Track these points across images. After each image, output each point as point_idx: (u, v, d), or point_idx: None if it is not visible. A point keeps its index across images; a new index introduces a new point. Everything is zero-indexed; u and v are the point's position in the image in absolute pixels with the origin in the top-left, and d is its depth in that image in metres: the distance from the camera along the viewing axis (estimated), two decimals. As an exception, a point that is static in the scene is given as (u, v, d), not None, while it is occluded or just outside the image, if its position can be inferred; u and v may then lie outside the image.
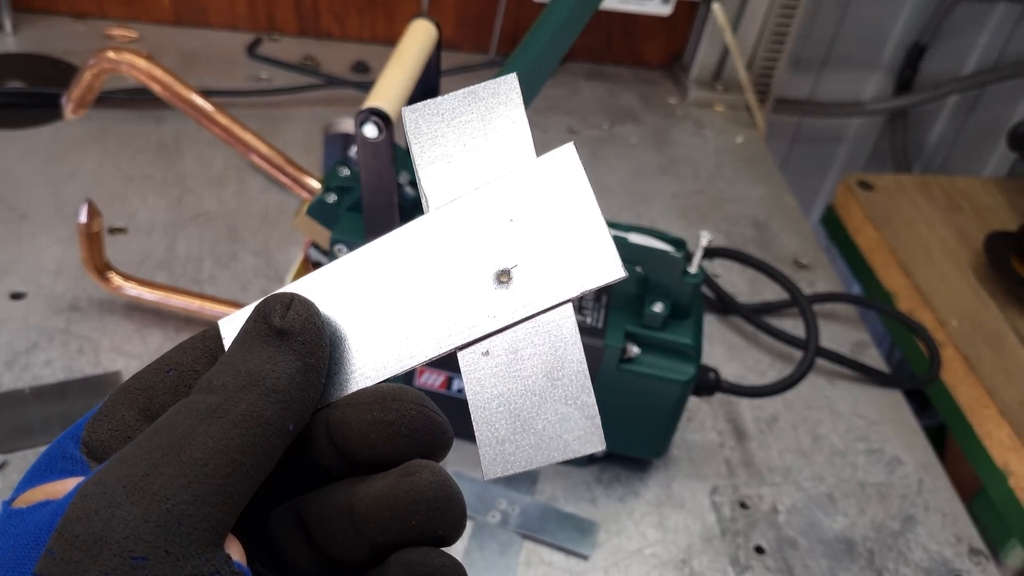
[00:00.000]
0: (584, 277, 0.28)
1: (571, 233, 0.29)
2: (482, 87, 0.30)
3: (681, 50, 1.41)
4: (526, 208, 0.29)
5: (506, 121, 0.30)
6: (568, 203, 0.29)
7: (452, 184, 0.30)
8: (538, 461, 0.28)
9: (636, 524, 0.75)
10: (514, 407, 0.28)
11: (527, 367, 0.28)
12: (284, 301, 0.28)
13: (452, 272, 0.29)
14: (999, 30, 1.56)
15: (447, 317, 0.29)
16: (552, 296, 0.28)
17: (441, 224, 0.29)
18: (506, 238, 0.29)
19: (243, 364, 0.27)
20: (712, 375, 0.77)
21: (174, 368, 0.29)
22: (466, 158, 0.30)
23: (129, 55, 0.68)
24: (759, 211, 1.15)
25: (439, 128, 0.30)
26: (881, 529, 0.77)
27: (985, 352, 1.04)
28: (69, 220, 0.91)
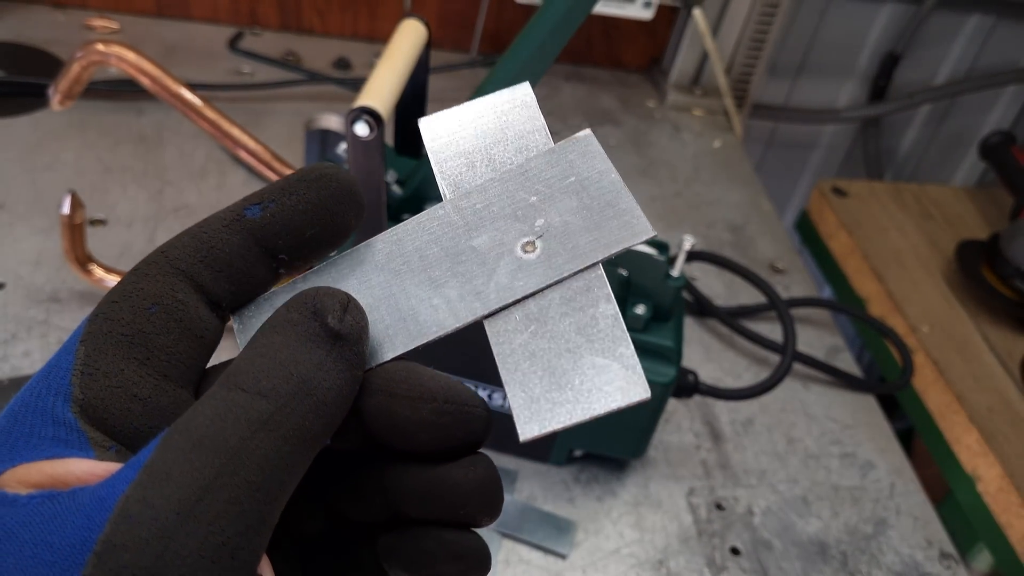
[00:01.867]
0: (613, 239, 0.28)
1: (596, 203, 0.29)
2: (497, 95, 0.31)
3: (660, 54, 1.42)
4: (548, 187, 0.29)
5: (524, 122, 0.31)
6: (590, 178, 0.29)
7: (472, 178, 0.30)
8: (578, 415, 0.26)
9: (614, 524, 0.76)
10: (548, 365, 0.27)
11: (559, 328, 0.28)
12: (341, 301, 0.26)
13: (474, 247, 0.29)
14: (971, 41, 1.59)
15: (470, 289, 0.28)
16: (577, 261, 0.28)
17: (462, 205, 0.30)
18: (529, 212, 0.29)
19: (294, 367, 0.24)
20: (691, 377, 0.78)
21: (155, 303, 0.26)
22: (485, 156, 0.30)
23: (118, 47, 0.68)
24: (736, 215, 1.16)
25: (457, 132, 0.31)
26: (854, 532, 0.79)
27: (955, 358, 1.06)
28: (49, 210, 0.91)
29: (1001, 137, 1.29)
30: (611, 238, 0.28)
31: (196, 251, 0.27)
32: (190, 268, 0.27)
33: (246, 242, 0.27)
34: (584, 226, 0.28)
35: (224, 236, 0.27)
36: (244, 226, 0.27)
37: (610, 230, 0.28)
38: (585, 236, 0.28)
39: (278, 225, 0.27)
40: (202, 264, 0.27)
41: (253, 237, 0.27)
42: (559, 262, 0.28)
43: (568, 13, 0.67)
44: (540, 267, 0.28)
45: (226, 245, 0.27)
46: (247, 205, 0.27)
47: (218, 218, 0.27)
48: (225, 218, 0.27)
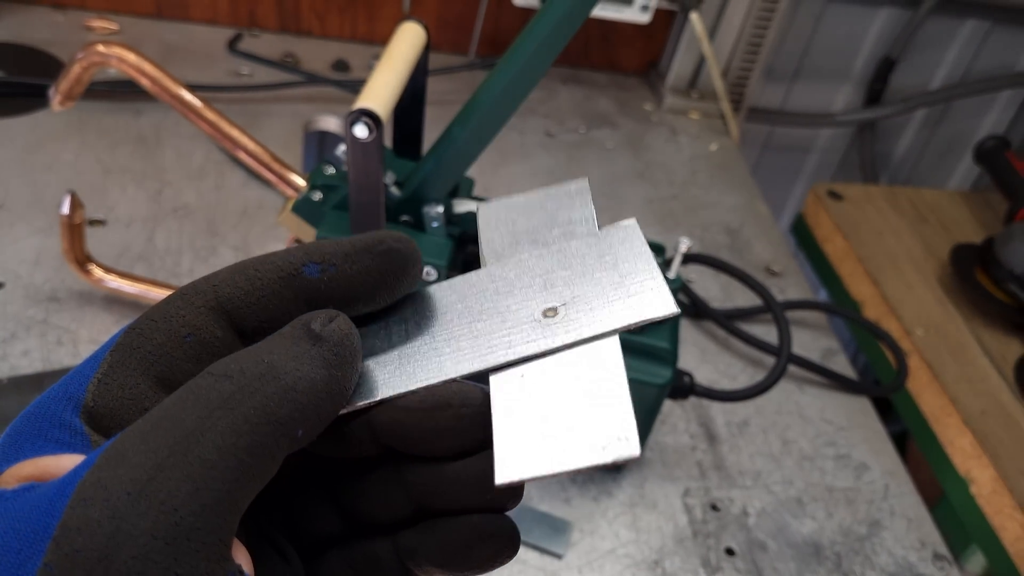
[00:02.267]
0: (633, 312, 0.28)
1: (626, 279, 0.29)
2: (557, 187, 0.33)
3: (657, 57, 1.43)
4: (583, 264, 0.30)
5: (574, 210, 0.32)
6: (625, 257, 0.30)
7: (511, 252, 0.31)
8: (562, 466, 0.25)
9: (610, 524, 0.76)
10: (541, 418, 0.27)
11: (562, 389, 0.27)
12: (330, 314, 0.27)
13: (497, 309, 0.30)
14: (967, 46, 1.59)
15: (486, 342, 0.29)
16: (595, 327, 0.28)
17: (496, 273, 0.31)
18: (559, 283, 0.30)
19: (267, 355, 0.25)
20: (687, 379, 0.78)
21: (192, 334, 0.27)
22: (530, 236, 0.31)
23: (118, 49, 0.68)
24: (732, 218, 1.17)
25: (509, 215, 0.32)
26: (848, 533, 0.79)
27: (949, 362, 1.07)
28: (48, 210, 0.91)
29: (996, 142, 1.29)
30: (632, 311, 0.28)
31: (247, 295, 0.27)
32: (236, 310, 0.27)
33: (296, 299, 0.28)
34: (608, 298, 0.29)
35: (276, 288, 0.27)
36: (299, 283, 0.28)
37: (632, 303, 0.29)
38: (607, 306, 0.29)
39: (333, 290, 0.28)
40: (248, 310, 0.27)
41: (305, 296, 0.28)
42: (575, 327, 0.28)
43: (566, 16, 0.68)
44: (557, 330, 0.29)
45: (276, 298, 0.27)
46: (307, 261, 0.28)
47: (275, 266, 0.28)
48: (283, 269, 0.28)
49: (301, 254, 0.28)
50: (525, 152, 1.18)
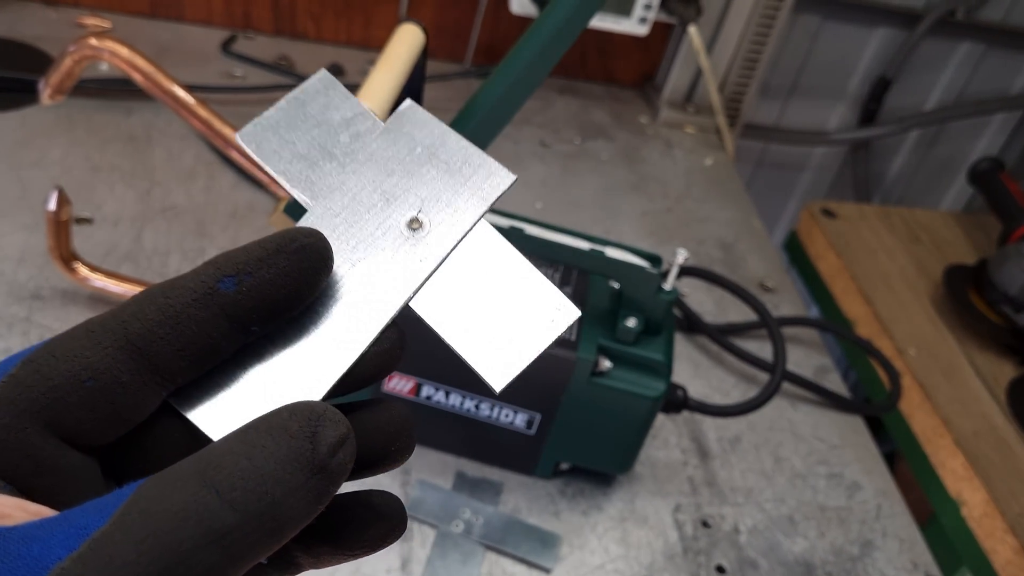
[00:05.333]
0: (485, 192, 0.31)
1: (452, 165, 0.31)
2: (300, 90, 0.31)
3: (654, 70, 1.42)
4: (401, 165, 0.31)
5: (342, 109, 0.31)
6: (434, 144, 0.31)
7: (321, 177, 0.30)
8: (533, 352, 0.29)
9: (599, 539, 0.75)
10: (486, 323, 0.29)
11: (477, 285, 0.30)
12: (341, 436, 0.24)
13: (364, 243, 0.30)
14: (961, 69, 1.60)
15: (381, 285, 0.29)
16: (464, 222, 0.30)
17: (331, 206, 0.30)
18: (397, 192, 0.30)
19: (272, 486, 0.23)
20: (680, 393, 0.77)
21: (94, 378, 0.25)
22: (322, 151, 0.31)
23: (111, 42, 0.67)
24: (726, 233, 1.16)
25: (281, 137, 0.31)
26: (840, 553, 0.78)
27: (941, 382, 1.06)
28: (34, 207, 0.90)
29: (990, 163, 1.29)
30: (483, 192, 0.31)
31: (160, 326, 0.25)
32: (149, 347, 0.25)
33: (216, 318, 0.26)
34: (454, 188, 0.30)
35: (192, 312, 0.25)
36: (216, 301, 0.26)
37: (477, 184, 0.31)
38: (459, 197, 0.30)
39: (253, 300, 0.26)
40: (163, 342, 0.25)
41: (224, 313, 0.26)
42: (448, 229, 0.30)
43: (564, 26, 0.67)
44: (434, 238, 0.30)
45: (193, 322, 0.25)
46: (220, 276, 0.26)
47: (187, 289, 0.26)
48: (196, 290, 0.26)
49: (213, 270, 0.26)
50: (519, 161, 1.17)
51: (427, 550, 0.71)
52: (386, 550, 0.68)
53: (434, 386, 0.74)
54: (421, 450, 0.78)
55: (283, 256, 0.27)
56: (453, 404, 0.74)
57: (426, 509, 0.73)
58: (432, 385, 0.74)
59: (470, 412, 0.75)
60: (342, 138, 0.31)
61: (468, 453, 0.79)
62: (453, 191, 0.30)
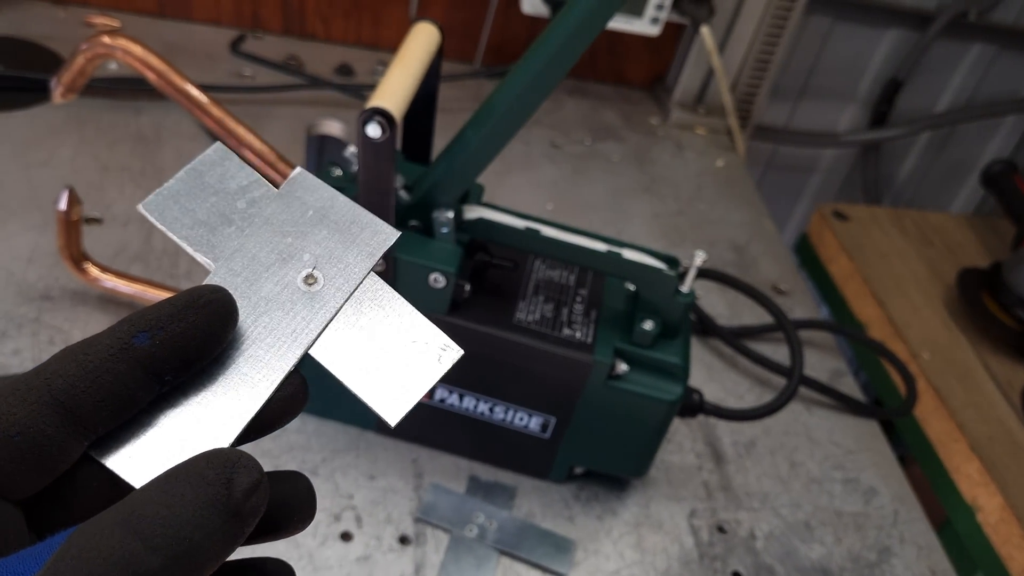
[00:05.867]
0: (372, 248, 0.33)
1: (341, 224, 0.33)
2: (198, 162, 0.33)
3: (664, 71, 1.41)
4: (295, 226, 0.33)
5: (239, 178, 0.33)
6: (324, 207, 0.33)
7: (221, 241, 0.32)
8: (420, 392, 0.32)
9: (614, 544, 0.74)
10: (380, 364, 0.32)
11: (369, 332, 0.32)
12: (254, 481, 0.26)
13: (264, 297, 0.32)
14: (973, 70, 1.59)
15: (285, 332, 0.32)
16: (355, 275, 0.33)
17: (233, 267, 0.32)
18: (293, 252, 0.33)
19: (191, 531, 0.25)
20: (696, 396, 0.76)
21: (21, 433, 0.26)
22: (221, 217, 0.33)
23: (124, 41, 0.66)
24: (738, 235, 1.15)
25: (182, 205, 0.33)
26: (857, 560, 0.77)
27: (956, 386, 1.05)
28: (44, 207, 0.89)
29: (1003, 166, 1.28)
30: (370, 247, 0.33)
31: (80, 380, 0.27)
32: (70, 400, 0.27)
33: (133, 370, 0.28)
34: (343, 245, 0.33)
35: (110, 366, 0.27)
36: (132, 355, 0.28)
37: (365, 241, 0.33)
38: (348, 254, 0.33)
39: (166, 352, 0.28)
40: (84, 395, 0.27)
41: (140, 365, 0.28)
42: (341, 282, 0.33)
43: (581, 27, 0.66)
44: (329, 292, 0.32)
45: (110, 375, 0.27)
46: (135, 332, 0.28)
47: (104, 345, 0.28)
48: (112, 346, 0.27)
49: (127, 326, 0.28)
50: (530, 162, 1.16)
51: (440, 555, 0.70)
52: (399, 555, 0.68)
53: (448, 389, 0.73)
54: (434, 453, 0.77)
55: (192, 311, 0.29)
56: (467, 407, 0.74)
57: (439, 514, 0.73)
58: (446, 388, 0.73)
59: (484, 415, 0.74)
60: (239, 204, 0.33)
61: (482, 457, 0.78)
62: (343, 248, 0.33)
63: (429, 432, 0.77)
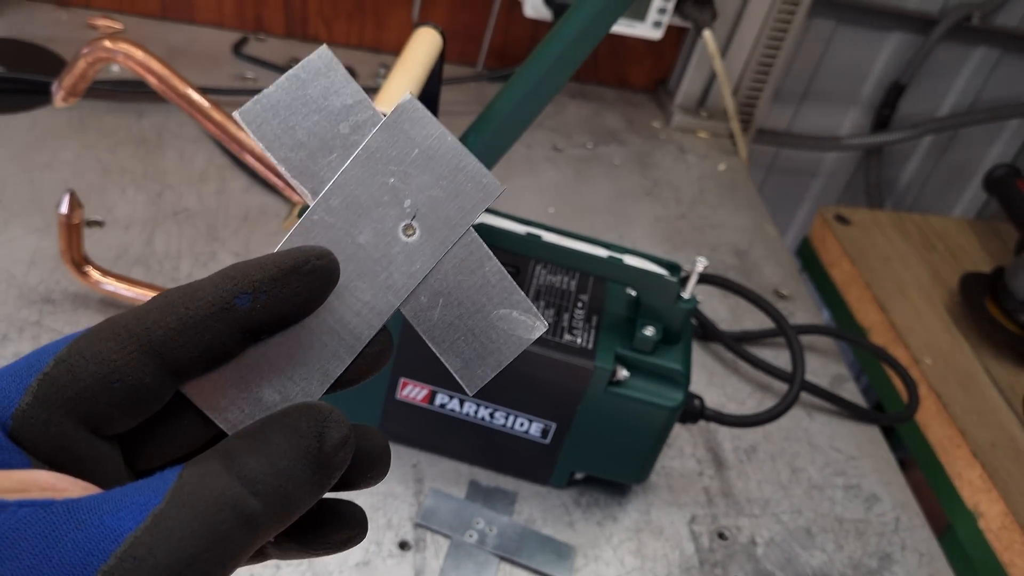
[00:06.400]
0: (473, 203, 0.31)
1: (446, 170, 0.31)
2: (300, 68, 0.31)
3: (666, 75, 1.41)
4: (399, 165, 0.31)
5: (342, 95, 0.31)
6: (431, 147, 0.31)
7: (320, 169, 0.31)
8: (503, 362, 0.32)
9: (614, 550, 0.74)
10: (466, 330, 0.32)
11: (461, 294, 0.32)
12: (344, 437, 0.28)
13: (361, 244, 0.31)
14: (976, 74, 1.58)
15: (379, 284, 0.31)
16: (454, 231, 0.31)
17: (330, 205, 0.31)
18: (394, 195, 0.31)
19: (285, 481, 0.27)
20: (697, 402, 0.76)
21: (121, 380, 0.27)
22: (319, 140, 0.31)
23: (126, 45, 0.66)
24: (740, 239, 1.15)
25: (282, 119, 0.31)
26: (858, 567, 0.77)
27: (958, 392, 1.05)
28: (45, 210, 0.89)
29: (1006, 170, 1.28)
30: (472, 202, 0.31)
31: (180, 334, 0.28)
32: (168, 352, 0.28)
33: (231, 330, 0.28)
34: (446, 196, 0.31)
35: (209, 324, 0.28)
36: (231, 315, 0.28)
37: (468, 194, 0.31)
38: (450, 206, 0.31)
39: (267, 316, 0.29)
40: (182, 349, 0.28)
41: (239, 325, 0.29)
42: (439, 237, 0.31)
43: (585, 32, 0.66)
44: (426, 246, 0.31)
45: (210, 332, 0.28)
46: (237, 293, 0.28)
47: (206, 302, 0.28)
48: (214, 303, 0.28)
49: (231, 285, 0.28)
50: (532, 166, 1.16)
51: (440, 561, 0.70)
52: (398, 561, 0.68)
53: (448, 394, 0.73)
54: (434, 458, 0.77)
55: (296, 277, 0.29)
56: (467, 412, 0.73)
57: (439, 519, 0.73)
58: (446, 393, 0.73)
59: (484, 420, 0.74)
60: (342, 128, 0.31)
61: (482, 462, 0.78)
62: (446, 198, 0.31)
63: (429, 437, 0.77)
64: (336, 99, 0.31)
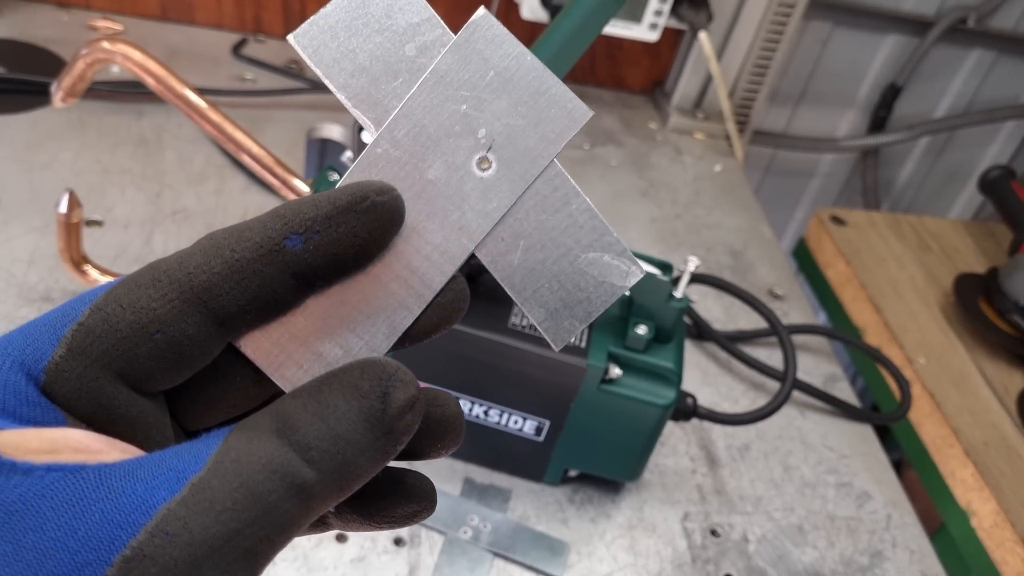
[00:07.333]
0: (557, 132, 0.28)
1: (526, 95, 0.28)
2: None
3: (663, 76, 1.42)
4: (471, 90, 0.28)
5: (408, 12, 0.28)
6: (508, 68, 0.28)
7: (384, 96, 0.28)
8: (594, 313, 0.28)
9: (607, 547, 0.75)
10: (551, 276, 0.28)
11: (545, 235, 0.28)
12: (411, 398, 0.25)
13: (431, 180, 0.28)
14: (972, 76, 1.59)
15: (451, 225, 0.28)
16: (536, 164, 0.28)
17: (395, 136, 0.28)
18: (466, 124, 0.28)
19: (344, 446, 0.24)
20: (690, 400, 0.77)
21: (161, 331, 0.25)
22: (384, 66, 0.28)
23: (124, 46, 0.67)
24: (735, 239, 1.16)
25: (340, 44, 0.28)
26: (850, 564, 0.78)
27: (951, 391, 1.06)
28: (45, 209, 0.90)
29: (1001, 171, 1.29)
30: (556, 130, 0.28)
31: (225, 280, 0.25)
32: (214, 300, 0.25)
33: (282, 275, 0.26)
34: (526, 124, 0.28)
35: (257, 267, 0.25)
36: (281, 258, 0.26)
37: (552, 121, 0.28)
38: (531, 135, 0.28)
39: (320, 258, 0.26)
40: (227, 296, 0.25)
41: (290, 270, 0.26)
42: (519, 170, 0.28)
43: (578, 32, 0.67)
44: (504, 181, 0.28)
45: (257, 277, 0.26)
46: (287, 233, 0.25)
47: (253, 243, 0.25)
48: (262, 245, 0.25)
49: (280, 224, 0.25)
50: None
51: (435, 557, 0.70)
52: (393, 557, 0.68)
53: (443, 392, 0.73)
54: (429, 458, 0.78)
55: (353, 215, 0.26)
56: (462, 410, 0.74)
57: (434, 516, 0.73)
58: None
59: (479, 418, 0.74)
60: (407, 50, 0.28)
61: (476, 459, 0.78)
62: (526, 127, 0.28)
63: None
64: (400, 17, 0.28)
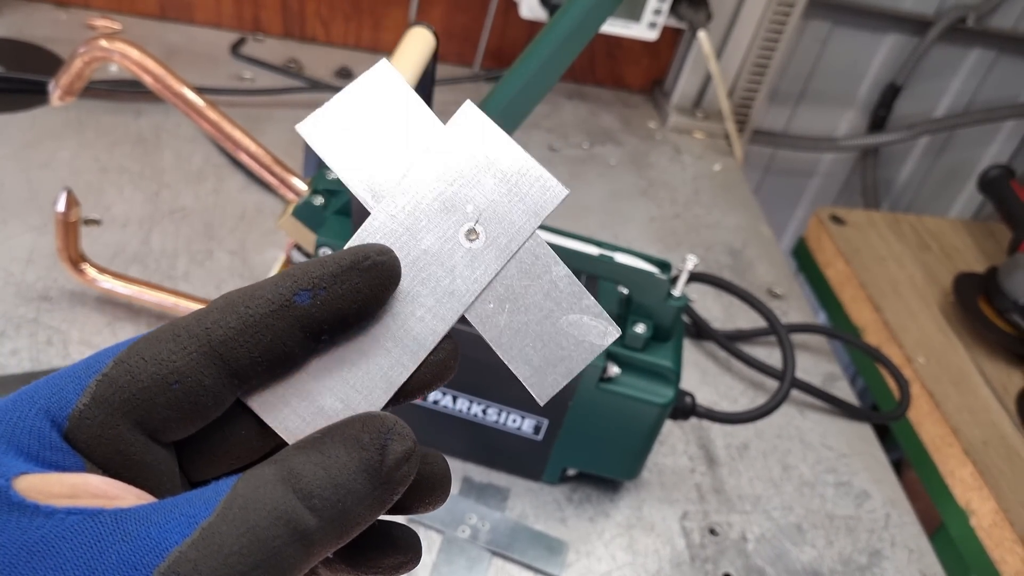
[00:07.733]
0: (537, 208, 0.31)
1: (509, 175, 0.31)
2: (362, 80, 0.31)
3: (662, 75, 1.42)
4: (461, 173, 0.31)
5: (405, 106, 0.31)
6: (493, 150, 0.31)
7: (382, 179, 0.31)
8: (575, 369, 0.31)
9: (606, 546, 0.75)
10: (535, 336, 0.31)
11: (528, 299, 0.31)
12: (408, 450, 0.27)
13: (425, 250, 0.30)
14: (972, 75, 1.59)
15: (442, 290, 0.30)
16: (519, 236, 0.31)
17: (392, 211, 0.30)
18: (456, 201, 0.31)
19: (345, 495, 0.25)
20: (688, 399, 0.77)
21: (180, 382, 0.27)
22: (381, 152, 0.31)
23: (122, 44, 0.67)
24: (734, 239, 1.16)
25: (342, 131, 0.31)
26: (848, 563, 0.78)
27: (950, 391, 1.06)
28: (43, 208, 0.90)
29: (1000, 171, 1.29)
30: (537, 206, 0.31)
31: (240, 334, 0.27)
32: (228, 352, 0.27)
33: (291, 328, 0.28)
34: (510, 200, 0.31)
35: (270, 322, 0.27)
36: (291, 313, 0.28)
37: (532, 198, 0.31)
38: (514, 211, 0.30)
39: (326, 312, 0.28)
40: (242, 349, 0.27)
41: (299, 324, 0.28)
42: (504, 242, 0.30)
43: (576, 30, 0.67)
44: (490, 251, 0.30)
45: (270, 331, 0.27)
46: (297, 290, 0.28)
47: (265, 300, 0.27)
48: (274, 301, 0.27)
49: (290, 283, 0.28)
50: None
51: (433, 556, 0.70)
52: (392, 555, 0.68)
53: (441, 391, 0.73)
54: (428, 455, 0.78)
55: (356, 272, 0.28)
56: (460, 409, 0.74)
57: (432, 514, 0.73)
58: (439, 390, 0.73)
59: (477, 417, 0.74)
60: (403, 138, 0.31)
61: (475, 458, 0.78)
62: (509, 203, 0.31)
63: (423, 433, 0.77)
64: (397, 109, 0.31)
